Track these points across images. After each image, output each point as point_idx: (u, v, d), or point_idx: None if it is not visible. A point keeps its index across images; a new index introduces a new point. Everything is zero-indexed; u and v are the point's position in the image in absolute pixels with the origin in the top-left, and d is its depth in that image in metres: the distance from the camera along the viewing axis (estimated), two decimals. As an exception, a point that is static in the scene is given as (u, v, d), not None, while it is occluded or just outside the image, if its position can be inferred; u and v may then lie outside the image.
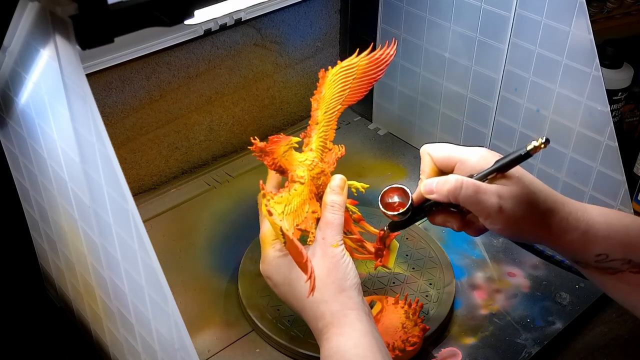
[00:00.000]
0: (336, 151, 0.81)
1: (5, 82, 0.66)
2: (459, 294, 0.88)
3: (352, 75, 0.80)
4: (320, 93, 0.79)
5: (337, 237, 0.71)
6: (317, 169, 0.77)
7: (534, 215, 0.65)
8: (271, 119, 1.17)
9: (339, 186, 0.75)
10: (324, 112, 0.79)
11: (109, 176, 0.55)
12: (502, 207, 0.64)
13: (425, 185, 0.70)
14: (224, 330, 0.83)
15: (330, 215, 0.73)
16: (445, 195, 0.67)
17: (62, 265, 0.78)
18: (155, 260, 0.55)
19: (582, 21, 0.83)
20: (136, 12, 0.50)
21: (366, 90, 0.83)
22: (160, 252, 0.57)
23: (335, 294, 0.68)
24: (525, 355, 0.81)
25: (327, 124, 0.80)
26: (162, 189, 1.06)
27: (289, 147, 0.76)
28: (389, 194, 0.72)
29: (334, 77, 0.80)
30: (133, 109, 0.98)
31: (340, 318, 0.67)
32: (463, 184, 0.65)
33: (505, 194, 0.64)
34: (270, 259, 0.73)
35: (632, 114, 1.21)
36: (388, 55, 0.83)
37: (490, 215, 0.65)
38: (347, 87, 0.80)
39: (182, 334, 0.58)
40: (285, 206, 0.71)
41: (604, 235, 0.65)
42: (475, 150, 0.69)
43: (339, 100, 0.80)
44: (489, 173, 0.66)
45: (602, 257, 0.65)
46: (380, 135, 1.19)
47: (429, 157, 0.71)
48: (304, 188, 0.75)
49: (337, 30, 1.18)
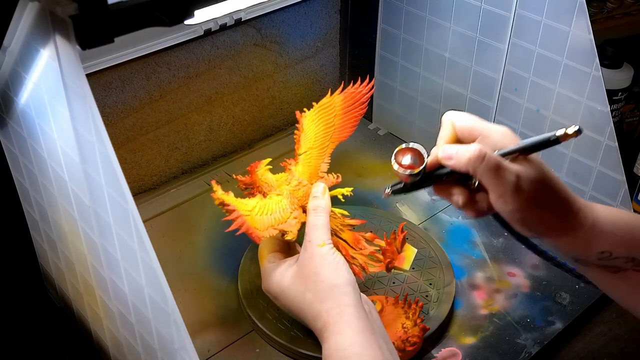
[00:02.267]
0: (330, 179, 0.82)
1: (5, 82, 0.66)
2: (459, 294, 0.88)
3: (332, 113, 0.83)
4: (301, 131, 0.82)
5: (323, 237, 0.72)
6: (294, 181, 0.79)
7: (548, 204, 0.64)
8: (271, 119, 1.17)
9: (320, 192, 0.77)
10: (310, 147, 0.82)
11: (109, 176, 0.55)
12: (519, 187, 0.61)
13: (444, 150, 0.66)
14: (224, 330, 0.83)
15: (313, 218, 0.74)
16: (464, 164, 0.63)
17: (62, 265, 0.78)
18: (155, 260, 0.55)
19: (582, 21, 0.83)
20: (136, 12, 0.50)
21: (353, 126, 0.85)
22: (160, 252, 0.57)
23: (329, 291, 0.69)
24: (525, 355, 0.81)
25: (316, 158, 0.82)
26: (162, 189, 1.06)
27: (264, 168, 0.80)
28: (404, 152, 0.68)
29: (314, 117, 0.83)
30: (133, 109, 0.98)
31: (335, 315, 0.67)
32: (486, 155, 0.62)
33: (525, 175, 0.62)
34: (267, 273, 0.74)
35: (632, 114, 1.21)
36: (365, 90, 0.85)
37: (504, 194, 0.62)
38: (331, 124, 0.82)
39: (182, 334, 0.58)
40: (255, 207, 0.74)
41: (609, 232, 0.64)
42: (499, 128, 0.66)
43: (326, 138, 0.83)
44: (512, 152, 0.63)
45: (605, 255, 0.64)
46: (380, 135, 1.19)
47: (451, 125, 0.68)
48: (281, 199, 0.78)
49: (337, 30, 1.18)
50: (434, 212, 1.02)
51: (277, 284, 0.73)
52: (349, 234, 0.79)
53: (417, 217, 1.01)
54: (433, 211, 1.02)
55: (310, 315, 0.69)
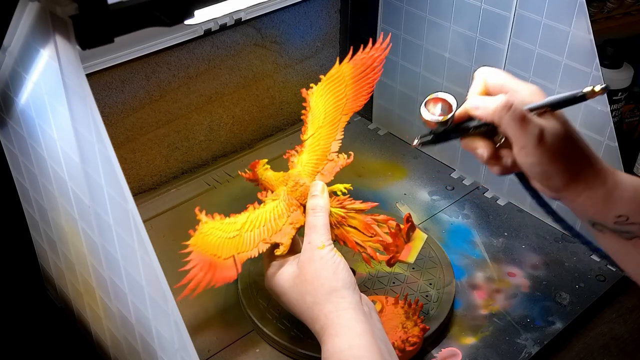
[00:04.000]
0: (339, 161, 0.81)
1: (5, 82, 0.66)
2: (459, 294, 0.88)
3: (342, 84, 0.79)
4: (308, 111, 0.79)
5: (322, 239, 0.72)
6: (291, 182, 0.78)
7: (570, 159, 0.64)
8: (271, 119, 1.17)
9: (318, 190, 0.76)
10: (319, 126, 0.79)
11: (109, 176, 0.55)
12: (542, 139, 0.62)
13: (472, 100, 0.68)
14: (224, 330, 0.83)
15: (312, 218, 0.74)
16: (491, 113, 0.64)
17: (62, 265, 0.78)
18: (155, 260, 0.55)
19: (582, 21, 0.83)
20: (136, 12, 0.50)
21: (369, 93, 0.81)
22: (160, 252, 0.57)
23: (327, 295, 0.69)
24: (525, 355, 0.81)
25: (326, 137, 0.80)
26: (162, 189, 1.06)
27: (262, 169, 0.80)
28: (435, 101, 0.69)
29: (322, 92, 0.79)
30: (133, 109, 0.98)
31: (334, 319, 0.67)
32: (512, 105, 0.63)
33: (549, 129, 0.63)
34: (269, 272, 0.74)
35: (632, 114, 1.20)
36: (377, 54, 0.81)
37: (527, 145, 0.63)
38: (342, 95, 0.79)
39: (182, 334, 0.58)
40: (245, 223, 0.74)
41: (629, 197, 0.64)
42: (529, 85, 0.67)
43: (337, 111, 0.80)
44: (540, 107, 0.65)
45: (622, 219, 0.64)
46: (380, 135, 1.19)
47: (482, 80, 0.69)
48: (277, 203, 0.77)
49: (337, 30, 1.18)
50: (434, 212, 1.02)
51: (278, 284, 0.73)
52: (359, 219, 0.77)
53: (417, 217, 1.01)
54: (433, 211, 1.02)
55: (310, 317, 0.69)
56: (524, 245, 0.96)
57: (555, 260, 0.94)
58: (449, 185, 1.07)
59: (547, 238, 0.97)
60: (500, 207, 1.03)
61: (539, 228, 0.99)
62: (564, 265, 0.93)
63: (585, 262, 0.93)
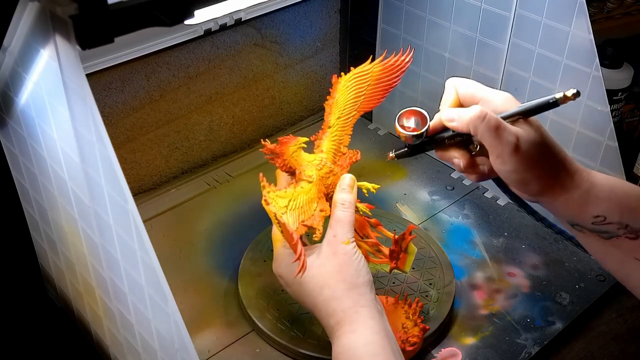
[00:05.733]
0: (350, 155, 0.80)
1: (5, 82, 0.66)
2: (459, 294, 0.88)
3: (366, 82, 0.79)
4: (333, 98, 0.79)
5: (348, 235, 0.71)
6: (325, 168, 0.77)
7: (546, 164, 0.65)
8: (271, 119, 1.17)
9: (348, 185, 0.75)
10: (337, 117, 0.79)
11: (109, 176, 0.55)
12: (518, 147, 0.64)
13: (446, 112, 0.69)
14: (224, 330, 0.83)
15: (340, 212, 0.72)
16: (465, 124, 0.66)
17: (62, 265, 0.78)
18: (155, 260, 0.55)
19: (582, 21, 0.83)
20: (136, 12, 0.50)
21: (382, 97, 0.82)
22: (160, 252, 0.57)
23: (347, 291, 0.68)
24: (525, 355, 0.81)
25: (341, 129, 0.79)
26: (162, 189, 1.06)
27: (297, 147, 0.76)
28: (408, 115, 0.71)
29: (348, 84, 0.79)
30: (133, 109, 0.98)
31: (352, 315, 0.67)
32: (487, 115, 0.64)
33: (524, 137, 0.64)
34: (281, 258, 0.73)
35: (632, 114, 1.21)
36: (404, 62, 0.81)
37: (502, 154, 0.64)
38: (362, 93, 0.79)
39: (182, 334, 0.58)
40: (289, 201, 0.72)
41: (605, 197, 0.66)
42: (500, 93, 0.69)
43: (354, 107, 0.80)
44: (513, 115, 0.66)
45: (599, 219, 0.66)
46: (380, 135, 1.19)
47: (454, 90, 0.70)
48: (311, 187, 0.75)
49: (337, 30, 1.18)
50: (434, 212, 1.02)
51: (291, 271, 0.71)
52: (357, 217, 0.77)
53: (417, 217, 1.01)
54: (433, 211, 1.02)
55: (325, 311, 0.69)
56: (524, 245, 0.96)
57: (555, 260, 0.94)
58: (449, 185, 1.07)
59: (547, 238, 0.97)
60: (500, 207, 1.03)
61: (539, 228, 0.99)
62: (564, 265, 0.93)
63: (585, 262, 0.93)
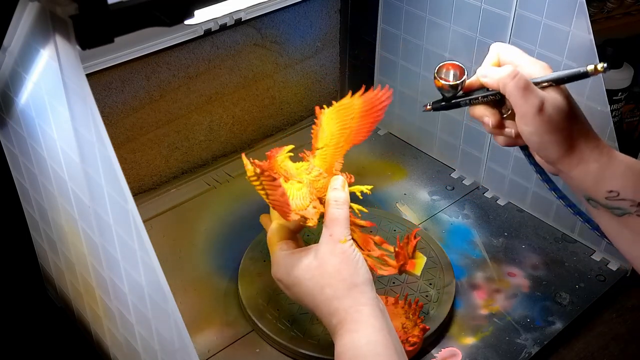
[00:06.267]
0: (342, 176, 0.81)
1: (5, 82, 0.66)
2: (459, 294, 0.88)
3: (349, 115, 0.80)
4: (319, 126, 0.79)
5: (345, 232, 0.71)
6: (315, 171, 0.77)
7: (566, 131, 0.67)
8: (271, 119, 1.17)
9: (340, 184, 0.75)
10: (325, 143, 0.79)
11: (109, 176, 0.55)
12: (542, 110, 0.66)
13: (481, 68, 0.72)
14: (224, 330, 0.83)
15: (335, 210, 0.72)
16: (496, 80, 0.69)
17: (62, 265, 0.78)
18: (155, 260, 0.55)
19: (582, 21, 0.83)
20: (136, 12, 0.50)
21: (369, 130, 0.82)
22: (160, 252, 0.57)
23: (348, 290, 0.68)
24: (525, 355, 0.81)
25: (331, 155, 0.80)
26: (162, 189, 1.06)
27: (285, 155, 0.77)
28: (447, 67, 0.74)
29: (332, 115, 0.79)
30: (133, 109, 0.98)
31: (353, 314, 0.67)
32: (517, 75, 0.67)
33: (550, 101, 0.67)
34: (278, 260, 0.73)
35: (632, 114, 1.21)
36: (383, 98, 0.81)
37: (527, 114, 0.66)
38: (347, 126, 0.80)
39: (182, 334, 0.58)
40: None
41: (620, 174, 0.67)
42: (538, 62, 0.72)
43: (342, 138, 0.80)
44: (544, 81, 0.68)
45: (612, 195, 0.67)
46: (380, 135, 1.19)
47: (496, 54, 0.73)
48: (302, 186, 0.75)
49: (337, 30, 1.18)
50: (434, 212, 1.02)
51: (293, 274, 0.71)
52: (360, 234, 0.77)
53: (417, 217, 1.01)
54: (433, 211, 1.02)
55: (327, 311, 0.69)
56: (524, 245, 0.96)
57: (555, 260, 0.94)
58: (449, 185, 1.07)
59: (547, 238, 0.97)
60: (500, 207, 1.03)
61: (539, 228, 0.99)
62: (564, 265, 0.93)
63: (585, 262, 0.93)
